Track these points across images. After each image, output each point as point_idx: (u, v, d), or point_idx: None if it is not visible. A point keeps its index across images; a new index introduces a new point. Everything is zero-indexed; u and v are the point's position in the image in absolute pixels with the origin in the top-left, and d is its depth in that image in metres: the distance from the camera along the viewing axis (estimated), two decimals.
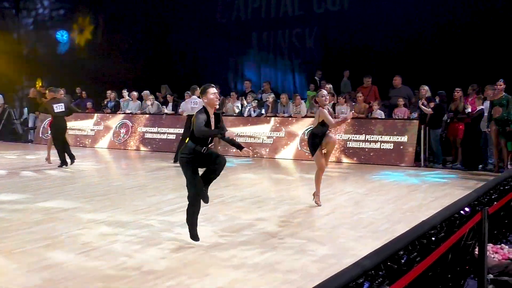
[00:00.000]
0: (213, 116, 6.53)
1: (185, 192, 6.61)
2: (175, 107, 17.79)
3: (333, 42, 19.20)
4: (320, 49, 19.69)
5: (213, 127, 6.48)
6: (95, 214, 8.08)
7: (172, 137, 17.35)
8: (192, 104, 14.10)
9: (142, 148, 17.77)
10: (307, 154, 15.13)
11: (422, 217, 6.44)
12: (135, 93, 18.87)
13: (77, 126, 19.29)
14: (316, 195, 8.93)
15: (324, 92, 8.78)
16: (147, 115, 18.15)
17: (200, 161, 6.50)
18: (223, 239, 6.70)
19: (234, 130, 14.99)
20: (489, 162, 13.11)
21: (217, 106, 6.66)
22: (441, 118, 13.79)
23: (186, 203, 8.99)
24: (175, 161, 14.13)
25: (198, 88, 14.28)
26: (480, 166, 13.20)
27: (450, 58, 16.84)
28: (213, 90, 6.47)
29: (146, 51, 22.97)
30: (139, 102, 18.84)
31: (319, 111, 8.68)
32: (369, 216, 8.10)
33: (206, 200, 6.65)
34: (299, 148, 15.30)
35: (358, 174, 12.68)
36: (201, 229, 6.83)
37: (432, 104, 13.71)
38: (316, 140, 8.58)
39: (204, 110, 6.47)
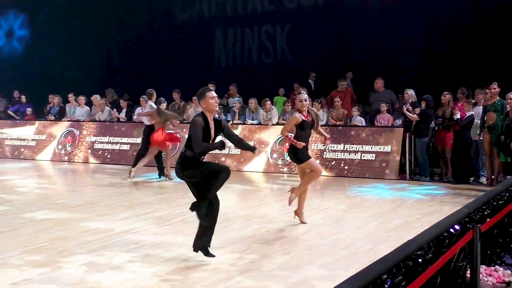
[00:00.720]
0: (212, 122, 6.57)
1: (140, 211, 6.55)
2: (129, 112, 17.70)
3: (307, 41, 19.35)
4: (292, 48, 19.82)
5: (212, 135, 6.54)
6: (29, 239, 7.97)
7: (126, 147, 17.22)
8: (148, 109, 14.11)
9: (91, 160, 17.59)
10: (279, 165, 15.16)
11: (407, 236, 6.50)
12: (82, 98, 18.69)
13: (16, 135, 19.02)
14: (299, 212, 8.97)
15: (304, 95, 8.80)
16: (97, 123, 17.99)
17: (199, 172, 6.47)
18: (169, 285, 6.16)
19: None
20: (481, 174, 13.31)
21: (217, 110, 6.77)
22: (427, 125, 13.96)
23: (142, 222, 8.90)
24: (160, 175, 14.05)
25: (155, 93, 14.36)
26: (471, 179, 13.40)
27: (437, 59, 17.13)
28: (212, 94, 6.57)
29: (93, 51, 22.83)
30: (87, 108, 18.67)
31: (292, 116, 8.80)
32: (349, 236, 8.14)
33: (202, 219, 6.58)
34: (270, 160, 15.33)
35: (336, 188, 12.74)
36: (143, 269, 6.58)
37: (417, 110, 13.87)
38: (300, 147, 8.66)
39: (202, 115, 6.50)
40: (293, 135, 8.75)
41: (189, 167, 6.52)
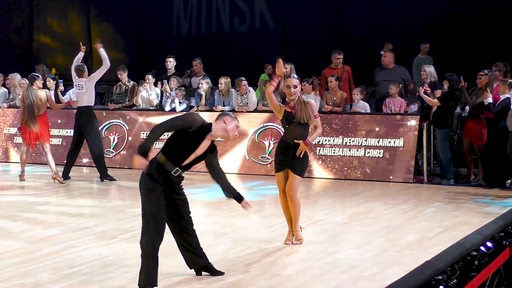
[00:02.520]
0: (209, 143, 6.93)
1: (75, 224, 6.54)
2: (56, 95, 17.54)
3: (293, 3, 19.39)
4: (274, 13, 19.80)
5: (198, 152, 6.87)
6: None
7: (57, 141, 17.11)
8: (77, 88, 14.14)
9: (12, 158, 17.44)
10: (259, 164, 15.15)
11: (425, 257, 6.54)
12: None
13: None
14: (296, 231, 8.88)
15: (294, 80, 8.70)
16: (18, 109, 17.82)
17: (167, 188, 6.79)
18: None
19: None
20: None
21: (232, 139, 7.37)
22: (451, 112, 14.00)
23: (78, 239, 8.89)
24: (65, 178, 14.14)
25: (86, 69, 14.43)
26: (508, 182, 13.47)
27: (465, 26, 17.16)
28: (236, 123, 7.09)
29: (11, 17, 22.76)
30: (4, 90, 18.50)
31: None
32: (349, 257, 8.16)
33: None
34: (247, 157, 15.32)
35: (333, 194, 12.76)
36: None
37: (438, 93, 13.92)
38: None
39: (207, 127, 6.83)
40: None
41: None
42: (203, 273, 7.29)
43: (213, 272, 7.27)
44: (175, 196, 6.94)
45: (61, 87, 16.80)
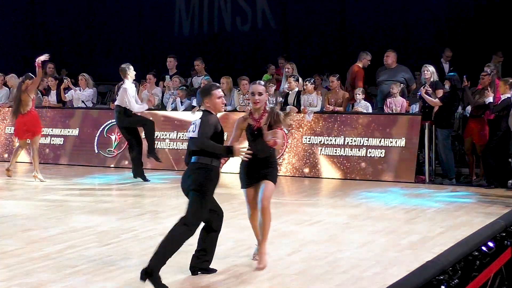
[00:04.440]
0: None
1: (77, 224, 6.53)
2: (58, 95, 17.53)
3: (294, 3, 19.38)
4: (277, 12, 19.81)
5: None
6: None
7: (59, 141, 17.11)
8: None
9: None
10: None
11: (426, 256, 6.54)
12: None
13: None
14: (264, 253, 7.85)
15: (259, 87, 7.82)
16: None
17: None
18: None
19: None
20: None
21: (223, 111, 7.43)
22: (453, 112, 14.00)
23: (79, 239, 8.89)
24: (144, 180, 14.10)
25: (131, 69, 14.32)
26: (510, 182, 13.46)
27: (467, 24, 17.14)
28: (219, 93, 7.27)
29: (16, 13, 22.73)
30: (6, 89, 18.51)
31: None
32: (350, 256, 8.15)
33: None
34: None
35: (334, 194, 12.75)
36: None
37: (440, 92, 13.91)
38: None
39: (213, 117, 7.20)
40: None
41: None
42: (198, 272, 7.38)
43: (209, 271, 7.40)
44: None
45: (66, 85, 16.81)
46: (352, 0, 18.71)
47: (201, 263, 7.34)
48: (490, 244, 4.43)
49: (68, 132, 17.05)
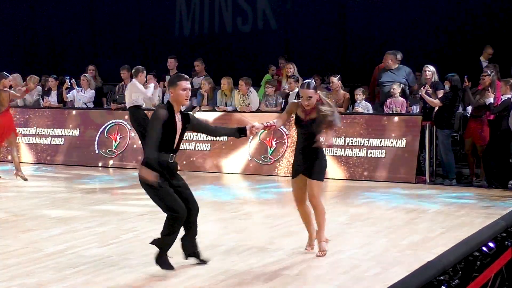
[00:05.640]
0: (179, 114, 7.35)
1: (78, 225, 6.54)
2: (59, 95, 17.53)
3: (295, 4, 19.38)
4: (277, 13, 19.80)
5: (179, 130, 7.30)
6: None
7: (59, 141, 17.12)
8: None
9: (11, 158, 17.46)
10: (261, 164, 15.14)
11: (427, 257, 6.54)
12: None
13: None
14: (321, 241, 8.32)
15: (309, 90, 7.91)
16: (19, 108, 17.83)
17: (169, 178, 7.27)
18: None
19: None
20: None
21: (187, 103, 7.55)
22: (453, 113, 14.00)
23: (80, 239, 8.90)
24: None
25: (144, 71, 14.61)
26: (511, 182, 13.47)
27: (469, 24, 17.12)
28: (185, 84, 7.31)
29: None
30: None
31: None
32: (351, 257, 8.16)
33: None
34: (250, 158, 15.31)
35: (335, 195, 12.76)
36: None
37: (440, 93, 13.92)
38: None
39: (167, 106, 7.28)
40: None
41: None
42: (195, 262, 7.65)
43: (199, 258, 7.66)
44: (176, 183, 7.36)
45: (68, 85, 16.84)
46: (352, 0, 18.69)
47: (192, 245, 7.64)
48: (491, 244, 4.44)
49: (69, 132, 17.05)
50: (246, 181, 14.62)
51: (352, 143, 14.64)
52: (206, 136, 15.20)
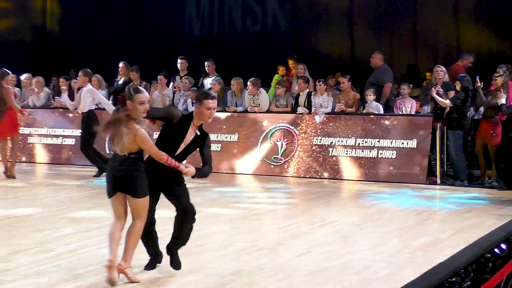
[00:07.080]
0: (195, 130, 7.24)
1: (90, 225, 6.57)
2: (70, 96, 17.55)
3: (304, 5, 19.38)
4: (287, 13, 19.81)
5: (186, 142, 7.22)
6: None
7: (70, 141, 17.16)
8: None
9: (22, 157, 17.50)
10: (271, 165, 15.17)
11: (438, 258, 6.55)
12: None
13: None
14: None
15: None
16: (30, 109, 17.87)
17: (160, 181, 7.27)
18: None
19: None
20: None
21: (208, 122, 7.35)
22: (464, 113, 13.97)
23: (88, 240, 8.94)
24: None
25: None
26: None
27: (480, 18, 17.09)
28: (210, 104, 7.26)
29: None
30: (17, 89, 18.55)
31: None
32: (362, 258, 8.17)
33: (177, 267, 7.43)
34: (261, 158, 15.32)
35: (345, 195, 12.76)
36: None
37: (451, 93, 13.89)
38: None
39: (189, 116, 7.35)
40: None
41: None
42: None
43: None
44: (174, 188, 7.43)
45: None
46: (360, 1, 18.69)
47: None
48: (503, 246, 4.44)
49: (80, 132, 17.09)
50: (257, 181, 14.63)
51: (362, 144, 14.62)
52: (216, 137, 15.26)
